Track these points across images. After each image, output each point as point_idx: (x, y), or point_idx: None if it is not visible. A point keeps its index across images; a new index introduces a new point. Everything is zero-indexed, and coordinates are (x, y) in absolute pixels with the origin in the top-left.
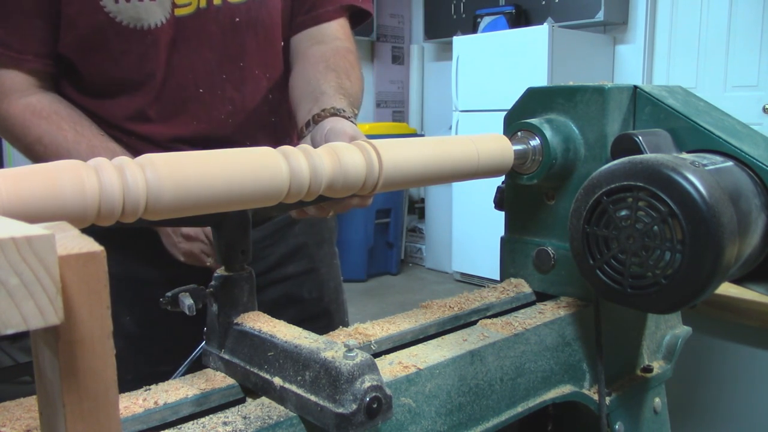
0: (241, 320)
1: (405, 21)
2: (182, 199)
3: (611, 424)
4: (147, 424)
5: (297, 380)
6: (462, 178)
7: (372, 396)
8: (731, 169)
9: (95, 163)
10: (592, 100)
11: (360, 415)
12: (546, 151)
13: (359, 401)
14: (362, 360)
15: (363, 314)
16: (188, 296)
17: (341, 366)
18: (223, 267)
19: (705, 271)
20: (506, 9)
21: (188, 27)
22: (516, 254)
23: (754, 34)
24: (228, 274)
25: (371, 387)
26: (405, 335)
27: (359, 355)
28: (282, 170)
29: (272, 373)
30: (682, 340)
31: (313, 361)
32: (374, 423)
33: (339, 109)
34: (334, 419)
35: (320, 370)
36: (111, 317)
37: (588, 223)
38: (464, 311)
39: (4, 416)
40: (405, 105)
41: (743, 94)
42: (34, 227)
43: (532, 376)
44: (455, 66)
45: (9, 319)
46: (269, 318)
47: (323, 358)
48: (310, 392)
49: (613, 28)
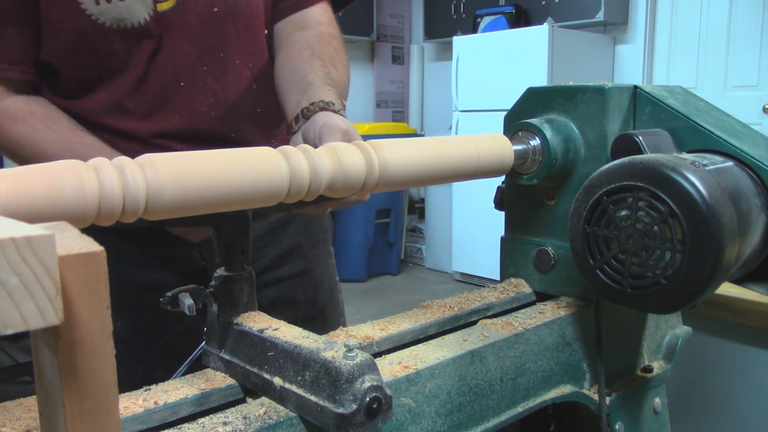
0: (241, 320)
1: (405, 21)
2: (182, 199)
3: (611, 424)
4: (147, 424)
5: (297, 380)
6: (462, 178)
7: (372, 396)
8: (731, 169)
9: (95, 163)
10: (592, 100)
11: (360, 415)
12: (546, 151)
13: (359, 401)
14: (362, 360)
15: (363, 314)
16: (188, 296)
17: (341, 366)
18: (222, 267)
19: (705, 271)
20: (506, 9)
21: (170, 21)
22: (516, 254)
23: (754, 34)
24: (228, 274)
25: (371, 387)
26: (405, 335)
27: (359, 355)
28: (282, 170)
29: (272, 373)
30: (682, 340)
31: (314, 361)
32: (374, 423)
33: (328, 102)
34: (334, 419)
35: (320, 370)
36: (111, 318)
37: (588, 223)
38: (464, 311)
39: (4, 416)
40: (405, 105)
41: (743, 94)
42: (34, 227)
43: (532, 376)
44: (455, 66)
45: (9, 319)
46: (269, 318)
47: (323, 358)
48: (310, 392)
49: (613, 28)
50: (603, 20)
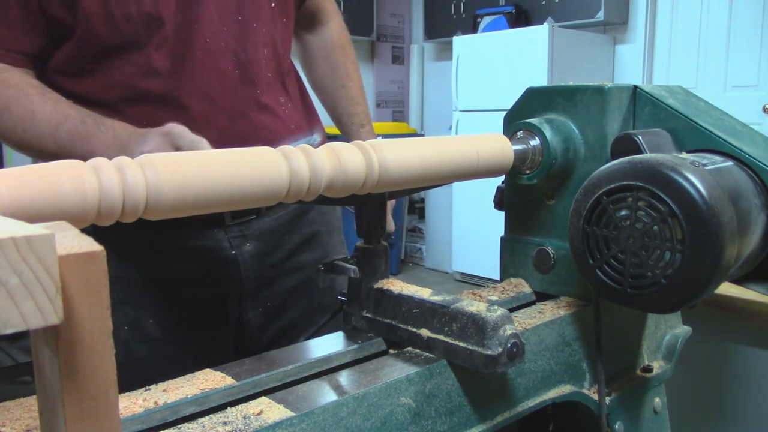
0: (380, 285)
1: (405, 21)
2: (182, 199)
3: (611, 424)
4: (147, 424)
5: (444, 331)
6: (462, 178)
7: (512, 342)
8: (731, 169)
9: (95, 163)
10: (592, 100)
11: (504, 357)
12: (546, 151)
13: (503, 345)
14: (503, 313)
15: None
16: (346, 263)
17: (487, 317)
18: (362, 241)
19: (705, 271)
20: (506, 9)
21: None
22: (516, 254)
23: (754, 34)
24: (369, 246)
25: (512, 334)
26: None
27: (499, 309)
28: (282, 170)
29: (418, 326)
30: (682, 340)
31: (461, 314)
32: (513, 364)
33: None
34: (483, 360)
35: (467, 322)
36: (111, 317)
37: (588, 223)
38: None
39: (4, 416)
40: (405, 105)
41: (743, 94)
42: (34, 227)
43: (532, 376)
44: (455, 66)
45: (9, 319)
46: (404, 283)
47: (469, 311)
48: (458, 340)
49: (613, 28)
50: (603, 20)
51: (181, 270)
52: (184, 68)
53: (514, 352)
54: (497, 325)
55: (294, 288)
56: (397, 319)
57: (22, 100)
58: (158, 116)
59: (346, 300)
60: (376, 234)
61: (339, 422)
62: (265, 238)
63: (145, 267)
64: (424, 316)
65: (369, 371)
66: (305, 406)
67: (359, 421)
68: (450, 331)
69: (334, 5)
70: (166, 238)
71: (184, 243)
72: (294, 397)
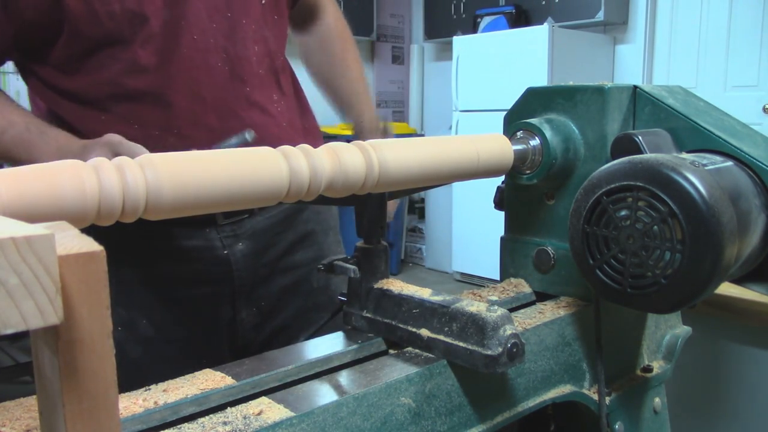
0: (380, 285)
1: (405, 21)
2: (182, 199)
3: (611, 424)
4: (147, 424)
5: (444, 331)
6: (462, 178)
7: (512, 342)
8: (731, 169)
9: (95, 162)
10: (592, 100)
11: (504, 357)
12: (546, 151)
13: (503, 345)
14: (503, 313)
15: None
16: (346, 263)
17: (487, 317)
18: (363, 240)
19: (705, 271)
20: (506, 9)
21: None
22: (516, 254)
23: (754, 34)
24: (369, 247)
25: (512, 334)
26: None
27: (499, 309)
28: (282, 170)
29: (418, 326)
30: (682, 340)
31: (461, 314)
32: (513, 364)
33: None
34: (483, 360)
35: (467, 322)
36: (110, 317)
37: (588, 223)
38: None
39: (4, 416)
40: (405, 105)
41: (743, 94)
42: (34, 227)
43: (532, 376)
44: (455, 66)
45: (9, 319)
46: (404, 283)
47: (470, 311)
48: (458, 340)
49: (613, 28)
50: (603, 20)
51: (173, 270)
52: (172, 65)
53: (514, 352)
54: (497, 325)
55: (288, 287)
56: (397, 319)
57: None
58: (146, 114)
59: (346, 300)
60: (376, 234)
61: (339, 422)
62: (258, 237)
63: (137, 267)
64: (424, 316)
65: (369, 371)
66: (305, 406)
67: (359, 421)
68: (450, 331)
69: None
70: (158, 238)
71: (176, 243)
72: (294, 397)
